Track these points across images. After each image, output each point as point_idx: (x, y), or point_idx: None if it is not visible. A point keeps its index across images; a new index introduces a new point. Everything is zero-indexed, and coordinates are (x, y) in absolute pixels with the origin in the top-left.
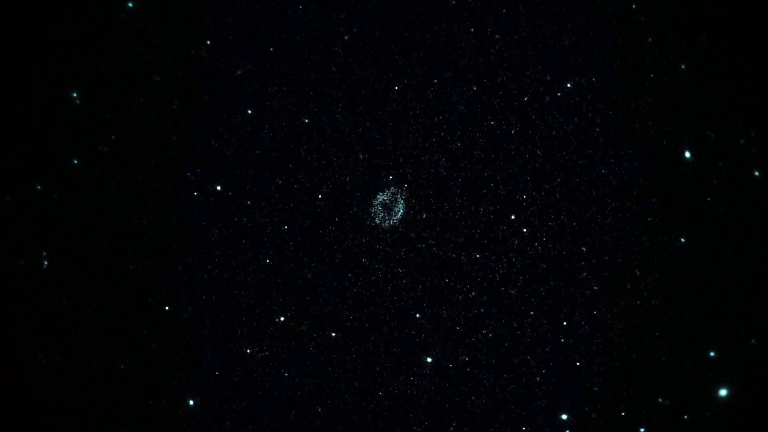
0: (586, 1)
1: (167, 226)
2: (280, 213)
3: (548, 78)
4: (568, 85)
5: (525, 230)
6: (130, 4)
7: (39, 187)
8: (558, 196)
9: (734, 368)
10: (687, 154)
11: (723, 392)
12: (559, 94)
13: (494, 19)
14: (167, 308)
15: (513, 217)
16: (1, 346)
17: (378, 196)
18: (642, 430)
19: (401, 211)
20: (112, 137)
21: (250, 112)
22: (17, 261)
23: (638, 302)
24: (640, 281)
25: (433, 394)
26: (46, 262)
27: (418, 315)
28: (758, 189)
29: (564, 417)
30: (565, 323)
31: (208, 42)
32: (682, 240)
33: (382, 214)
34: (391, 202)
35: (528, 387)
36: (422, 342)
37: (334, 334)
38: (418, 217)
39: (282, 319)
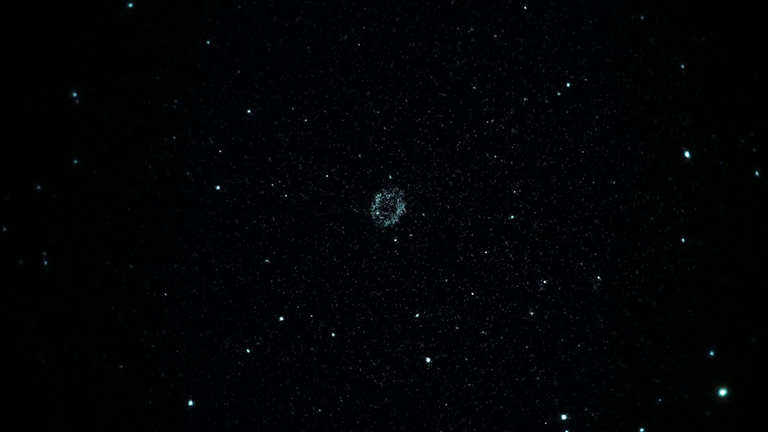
0: (587, 1)
1: (167, 226)
2: (280, 213)
3: (548, 77)
4: (568, 85)
5: (524, 229)
6: (130, 5)
7: (39, 187)
8: (558, 196)
9: (734, 368)
10: (687, 154)
11: (723, 392)
12: (558, 94)
13: (494, 18)
14: (167, 308)
15: (512, 216)
16: (1, 346)
17: (377, 196)
18: (642, 430)
19: (401, 210)
20: (112, 137)
21: (249, 112)
22: (17, 261)
23: (639, 301)
24: (641, 281)
25: (432, 395)
26: (46, 262)
27: (417, 315)
28: (758, 189)
29: (564, 417)
30: (565, 323)
31: (208, 42)
32: (683, 240)
33: (382, 213)
34: (391, 201)
35: (528, 387)
36: (422, 342)
37: (334, 334)
38: (418, 216)
39: (282, 319)
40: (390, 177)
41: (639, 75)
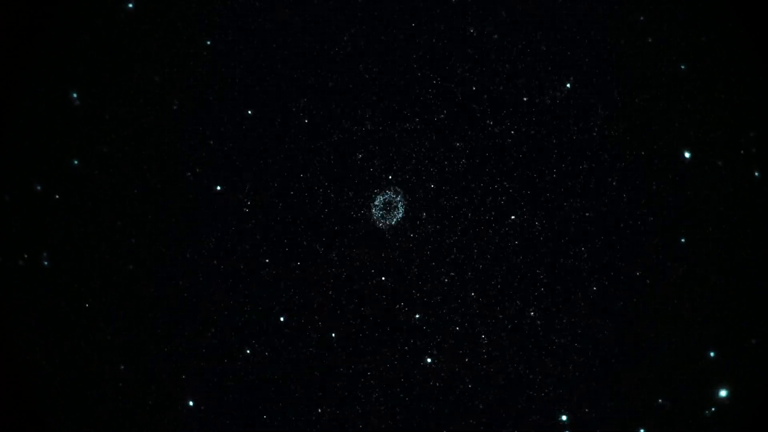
0: (587, 1)
1: (167, 226)
2: (280, 213)
3: (548, 78)
4: (567, 85)
5: (524, 231)
6: (130, 5)
7: (39, 188)
8: (557, 197)
9: (734, 368)
10: (687, 154)
11: (723, 392)
12: (558, 94)
13: (494, 19)
14: (166, 308)
15: (513, 217)
16: (1, 346)
17: (378, 196)
18: (642, 430)
19: (401, 211)
20: (112, 137)
21: (250, 112)
22: (17, 261)
23: (638, 303)
24: (640, 282)
25: (432, 395)
26: (46, 262)
27: (417, 315)
28: (758, 189)
29: (564, 417)
30: (564, 324)
31: (208, 42)
32: (682, 240)
33: (382, 213)
34: (391, 202)
35: (528, 387)
36: (422, 343)
37: (334, 334)
38: (418, 216)
39: (282, 319)
40: (390, 177)
41: (639, 75)
